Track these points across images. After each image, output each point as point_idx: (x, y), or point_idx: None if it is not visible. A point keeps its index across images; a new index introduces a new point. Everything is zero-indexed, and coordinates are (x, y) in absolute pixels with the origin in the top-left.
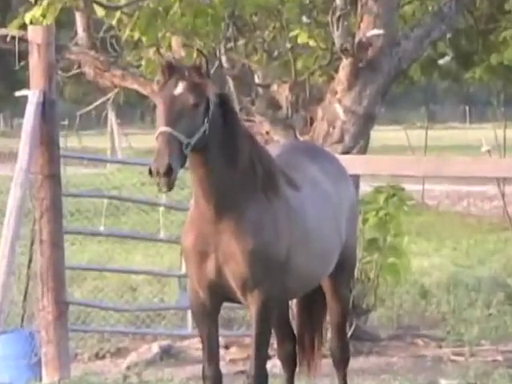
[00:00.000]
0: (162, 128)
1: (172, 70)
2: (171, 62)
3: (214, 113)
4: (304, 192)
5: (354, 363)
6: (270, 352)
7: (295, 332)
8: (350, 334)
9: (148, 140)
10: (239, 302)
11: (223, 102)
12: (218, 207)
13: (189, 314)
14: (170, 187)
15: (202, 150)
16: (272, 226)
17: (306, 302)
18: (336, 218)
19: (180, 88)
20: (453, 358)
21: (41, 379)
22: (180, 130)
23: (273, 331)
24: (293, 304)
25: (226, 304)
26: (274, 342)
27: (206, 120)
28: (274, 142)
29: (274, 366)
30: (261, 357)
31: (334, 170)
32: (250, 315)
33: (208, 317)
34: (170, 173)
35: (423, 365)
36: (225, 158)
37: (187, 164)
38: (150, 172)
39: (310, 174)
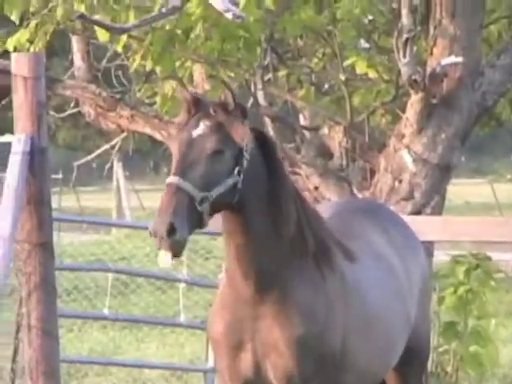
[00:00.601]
0: (170, 178)
1: (198, 107)
2: (197, 95)
3: (251, 162)
4: (364, 267)
5: None
6: None
7: None
8: None
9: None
10: None
11: (264, 147)
12: (259, 285)
13: None
14: (176, 253)
15: (237, 209)
16: (326, 310)
17: None
18: (403, 299)
19: (200, 129)
20: None
21: None
22: (193, 182)
23: None
24: None
25: None
26: None
27: (236, 171)
28: (325, 201)
29: None
30: None
31: (401, 237)
32: None
33: None
34: (172, 234)
35: None
36: (269, 221)
37: (215, 229)
38: (151, 233)
39: (371, 243)
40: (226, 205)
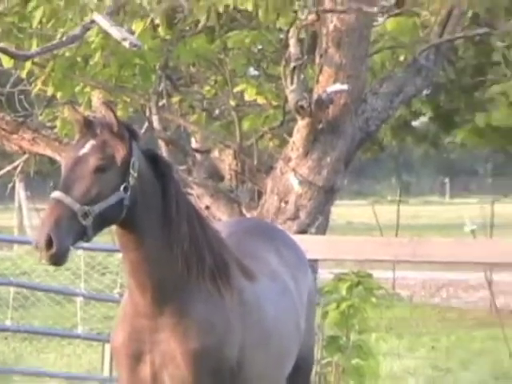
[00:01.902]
0: (53, 193)
1: (88, 128)
2: (88, 117)
3: (142, 180)
4: (261, 285)
5: None
6: None
7: None
8: None
9: None
10: None
11: (157, 167)
12: (155, 299)
13: None
14: (56, 263)
15: (129, 226)
16: (223, 325)
17: None
18: (296, 315)
19: (86, 148)
20: None
21: None
22: (75, 197)
23: None
24: None
25: None
26: None
27: (122, 187)
28: (216, 220)
29: None
30: None
31: (292, 256)
32: None
33: None
34: (49, 246)
35: None
36: (162, 238)
37: (111, 245)
38: (35, 246)
39: (266, 263)
40: (113, 220)
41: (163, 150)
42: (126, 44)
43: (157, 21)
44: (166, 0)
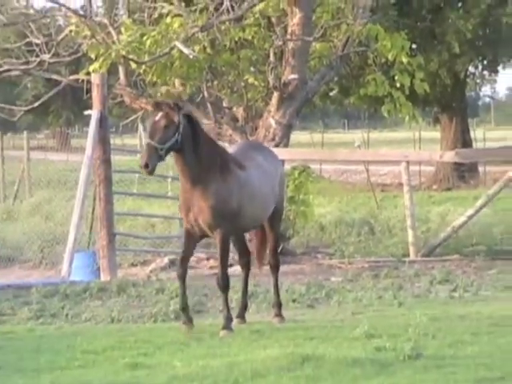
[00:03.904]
0: (145, 140)
1: (157, 106)
2: (157, 101)
3: (184, 128)
4: (250, 171)
5: (283, 268)
6: (233, 262)
7: (250, 249)
8: (279, 251)
9: None
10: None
11: (191, 122)
12: (191, 183)
13: None
14: (150, 174)
15: (178, 151)
16: (225, 193)
17: (259, 232)
18: (272, 185)
19: (158, 116)
20: (338, 265)
21: (99, 279)
22: (156, 141)
23: (235, 249)
24: (251, 233)
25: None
26: (235, 255)
27: (176, 134)
28: (235, 142)
29: (236, 270)
30: (223, 265)
31: (270, 157)
32: (216, 242)
33: (190, 240)
34: (147, 167)
35: (321, 269)
36: (194, 154)
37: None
38: (140, 166)
39: (255, 160)
40: (174, 150)
41: (209, 108)
42: (190, 56)
43: (206, 44)
44: (211, 33)
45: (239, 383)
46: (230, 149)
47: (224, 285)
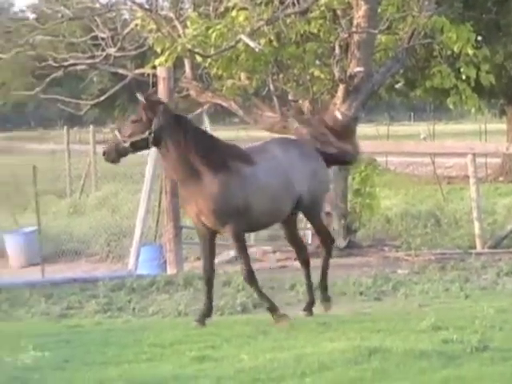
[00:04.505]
0: (115, 131)
1: (138, 105)
2: (139, 95)
3: (163, 126)
4: (259, 165)
5: (349, 261)
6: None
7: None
8: (345, 244)
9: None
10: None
11: (178, 121)
12: (184, 179)
13: (251, 235)
14: (111, 162)
15: (161, 149)
16: (222, 191)
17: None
18: (286, 179)
19: (133, 114)
20: (405, 258)
21: (166, 272)
22: (121, 133)
23: (290, 246)
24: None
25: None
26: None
27: (147, 131)
28: (301, 135)
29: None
30: (244, 261)
31: (296, 151)
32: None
33: (204, 237)
34: (104, 154)
35: (388, 262)
36: (179, 153)
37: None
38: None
39: (270, 154)
40: (143, 146)
41: (275, 101)
42: (256, 49)
43: (272, 38)
44: (277, 26)
45: (306, 376)
46: (252, 144)
47: (250, 279)
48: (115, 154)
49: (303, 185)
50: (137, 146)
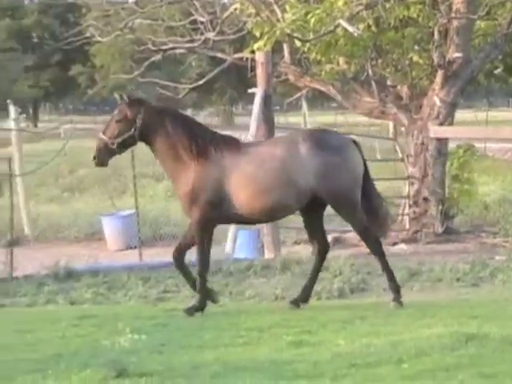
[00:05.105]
0: (98, 135)
1: (119, 104)
2: (118, 95)
3: (147, 122)
4: (246, 156)
5: (447, 247)
6: (397, 240)
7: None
8: (443, 230)
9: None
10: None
11: (162, 110)
12: (170, 175)
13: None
14: (101, 166)
15: (149, 145)
16: (193, 178)
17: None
18: (283, 172)
19: (115, 112)
20: (503, 244)
21: (263, 256)
22: (107, 135)
23: (308, 237)
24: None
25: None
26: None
27: (132, 129)
28: (399, 120)
29: (401, 248)
30: (200, 251)
31: (306, 144)
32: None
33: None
34: (94, 158)
35: (485, 248)
36: (165, 144)
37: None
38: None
39: (267, 146)
40: (131, 143)
41: (373, 86)
42: (355, 34)
43: (370, 23)
44: (376, 11)
45: (403, 361)
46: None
47: (202, 273)
48: (104, 157)
49: (317, 180)
50: (125, 144)
